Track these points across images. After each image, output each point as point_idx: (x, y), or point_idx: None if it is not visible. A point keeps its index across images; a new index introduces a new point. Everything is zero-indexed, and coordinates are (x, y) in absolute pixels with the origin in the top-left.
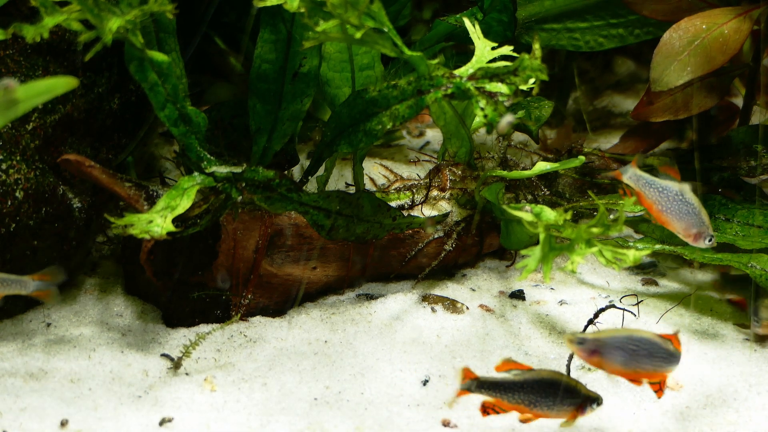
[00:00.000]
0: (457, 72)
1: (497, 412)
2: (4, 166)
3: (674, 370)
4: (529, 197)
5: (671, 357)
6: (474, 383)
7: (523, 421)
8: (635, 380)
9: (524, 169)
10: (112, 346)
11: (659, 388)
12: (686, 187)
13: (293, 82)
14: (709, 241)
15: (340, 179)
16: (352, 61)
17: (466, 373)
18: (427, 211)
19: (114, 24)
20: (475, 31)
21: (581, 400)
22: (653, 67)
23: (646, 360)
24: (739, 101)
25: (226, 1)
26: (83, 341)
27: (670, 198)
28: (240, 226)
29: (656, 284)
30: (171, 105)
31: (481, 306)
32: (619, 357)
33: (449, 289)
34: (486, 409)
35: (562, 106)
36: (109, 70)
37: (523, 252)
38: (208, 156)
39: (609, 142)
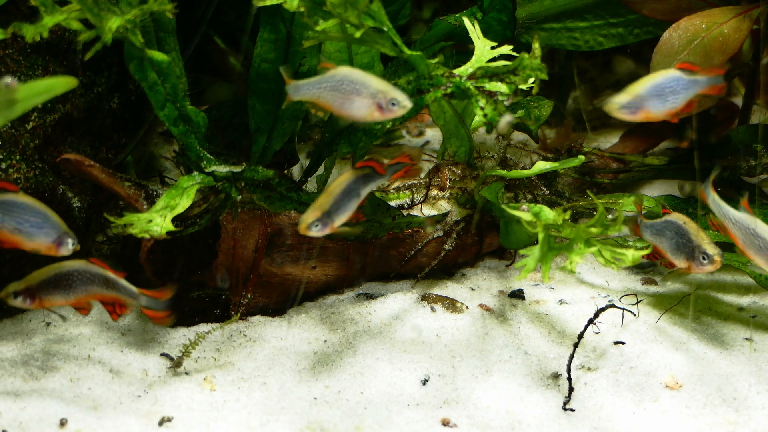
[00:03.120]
0: (456, 71)
1: None
2: (3, 166)
3: None
4: (529, 197)
5: None
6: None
7: None
8: None
9: (524, 168)
10: (112, 345)
11: None
12: (759, 223)
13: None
14: None
15: None
16: (351, 60)
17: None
18: (427, 211)
19: (114, 23)
20: (474, 31)
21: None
22: (653, 67)
23: None
24: (738, 100)
25: (225, 0)
26: (83, 341)
27: (749, 233)
28: (240, 226)
29: (656, 284)
30: (171, 104)
31: (481, 305)
32: None
33: (449, 289)
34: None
35: (561, 106)
36: (108, 70)
37: (522, 251)
38: (208, 155)
39: (608, 141)
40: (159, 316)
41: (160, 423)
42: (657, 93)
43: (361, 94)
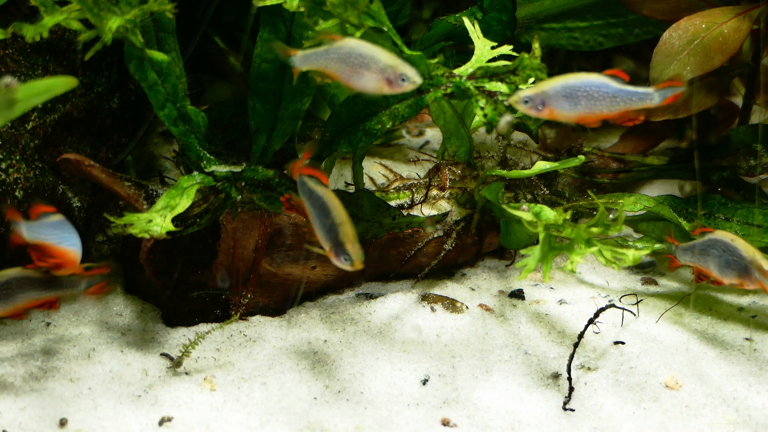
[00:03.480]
0: (456, 71)
1: (297, 212)
2: (3, 166)
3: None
4: (529, 196)
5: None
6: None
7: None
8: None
9: (524, 168)
10: (112, 345)
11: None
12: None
13: (293, 81)
14: None
15: (339, 178)
16: None
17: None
18: (427, 211)
19: (114, 23)
20: (474, 31)
21: (337, 244)
22: (653, 66)
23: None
24: (738, 100)
25: (225, 0)
26: (83, 340)
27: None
28: (240, 226)
29: (656, 283)
30: (171, 104)
31: (481, 305)
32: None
33: (449, 289)
34: (290, 207)
35: None
36: (108, 70)
37: (522, 251)
38: (208, 155)
39: (608, 141)
40: (99, 287)
41: (160, 423)
42: (566, 94)
43: (370, 68)
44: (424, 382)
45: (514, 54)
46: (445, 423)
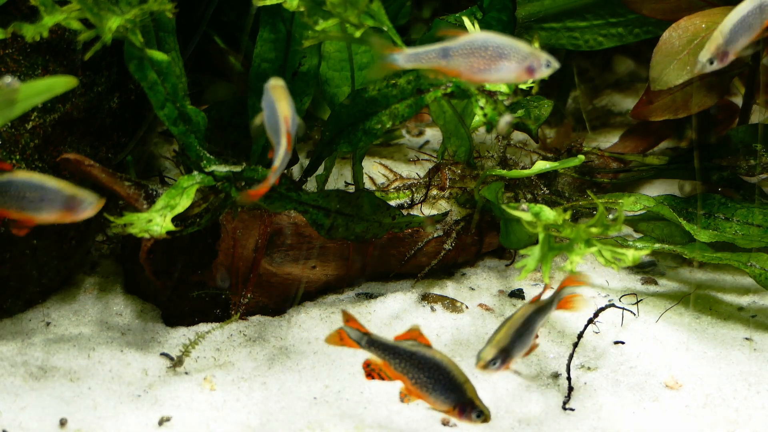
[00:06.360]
0: None
1: (381, 378)
2: None
3: None
4: (529, 196)
5: None
6: (365, 338)
7: (403, 396)
8: None
9: (524, 168)
10: (112, 345)
11: None
12: None
13: (293, 81)
14: None
15: (339, 178)
16: (351, 60)
17: (350, 319)
18: (427, 210)
19: (113, 23)
20: (474, 30)
21: (463, 402)
22: (653, 66)
23: None
24: (738, 100)
25: (225, 0)
26: (83, 340)
27: None
28: (239, 225)
29: (656, 283)
30: (170, 104)
31: (481, 305)
32: None
33: (449, 288)
34: (370, 372)
35: (561, 105)
36: (108, 69)
37: (522, 251)
38: (208, 155)
39: (608, 141)
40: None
41: (160, 423)
42: None
43: (510, 58)
44: None
45: None
46: (445, 423)
